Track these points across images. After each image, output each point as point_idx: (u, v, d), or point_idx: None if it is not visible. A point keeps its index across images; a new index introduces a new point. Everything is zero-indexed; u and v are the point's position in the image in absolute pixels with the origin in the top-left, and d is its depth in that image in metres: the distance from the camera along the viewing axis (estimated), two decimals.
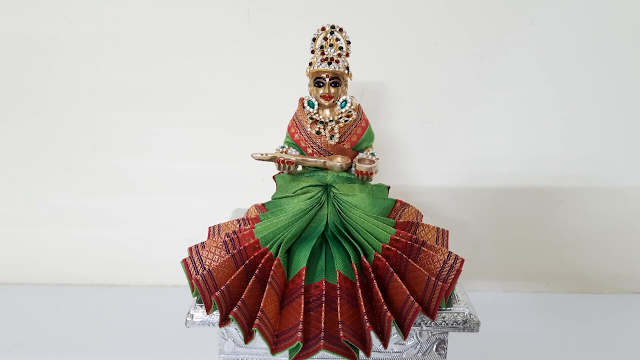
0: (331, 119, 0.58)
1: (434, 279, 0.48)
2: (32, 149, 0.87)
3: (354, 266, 0.51)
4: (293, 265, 0.53)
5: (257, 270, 0.49)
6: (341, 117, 0.58)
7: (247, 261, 0.51)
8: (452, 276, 0.50)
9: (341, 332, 0.45)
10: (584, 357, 0.72)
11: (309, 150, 0.59)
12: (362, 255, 0.52)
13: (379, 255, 0.51)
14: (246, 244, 0.52)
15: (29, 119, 0.86)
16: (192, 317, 0.51)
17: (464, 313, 0.51)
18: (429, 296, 0.48)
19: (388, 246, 0.51)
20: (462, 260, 0.51)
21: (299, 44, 0.65)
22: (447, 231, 0.60)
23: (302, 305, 0.48)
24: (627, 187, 0.86)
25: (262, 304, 0.47)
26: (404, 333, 0.47)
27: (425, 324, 0.50)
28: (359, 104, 0.60)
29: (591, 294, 0.91)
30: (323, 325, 0.46)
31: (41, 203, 0.90)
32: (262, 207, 0.62)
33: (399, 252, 0.50)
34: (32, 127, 0.86)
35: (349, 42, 0.57)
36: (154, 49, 0.82)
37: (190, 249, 0.57)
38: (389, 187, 0.62)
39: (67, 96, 0.85)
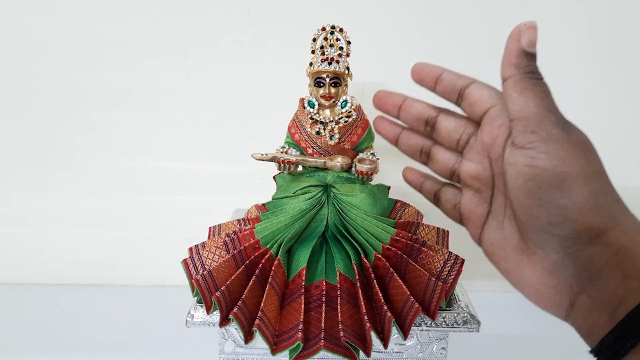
0: (331, 119, 0.58)
1: (434, 279, 0.48)
2: (31, 149, 0.87)
3: (354, 266, 0.51)
4: (293, 265, 0.53)
5: (258, 271, 0.49)
6: (341, 118, 0.57)
7: (248, 261, 0.51)
8: (453, 276, 0.50)
9: (341, 332, 0.45)
10: (584, 357, 0.72)
11: (309, 151, 0.59)
12: (362, 255, 0.52)
13: (379, 256, 0.50)
14: (246, 244, 0.52)
15: (28, 119, 0.86)
16: (192, 317, 0.51)
17: (464, 313, 0.51)
18: (429, 296, 0.48)
19: (388, 246, 0.51)
20: (463, 261, 0.51)
21: (299, 44, 0.65)
22: (448, 231, 0.60)
23: (303, 306, 0.48)
24: (627, 187, 0.86)
25: (262, 304, 0.47)
26: (404, 333, 0.47)
27: (426, 324, 0.50)
28: (359, 104, 0.60)
29: None
30: (323, 325, 0.46)
31: (41, 203, 0.90)
32: (263, 207, 0.62)
33: (399, 252, 0.50)
34: (31, 127, 0.86)
35: (349, 42, 0.57)
36: (154, 49, 0.82)
37: (190, 249, 0.57)
38: (389, 187, 0.62)
39: (66, 96, 0.85)
